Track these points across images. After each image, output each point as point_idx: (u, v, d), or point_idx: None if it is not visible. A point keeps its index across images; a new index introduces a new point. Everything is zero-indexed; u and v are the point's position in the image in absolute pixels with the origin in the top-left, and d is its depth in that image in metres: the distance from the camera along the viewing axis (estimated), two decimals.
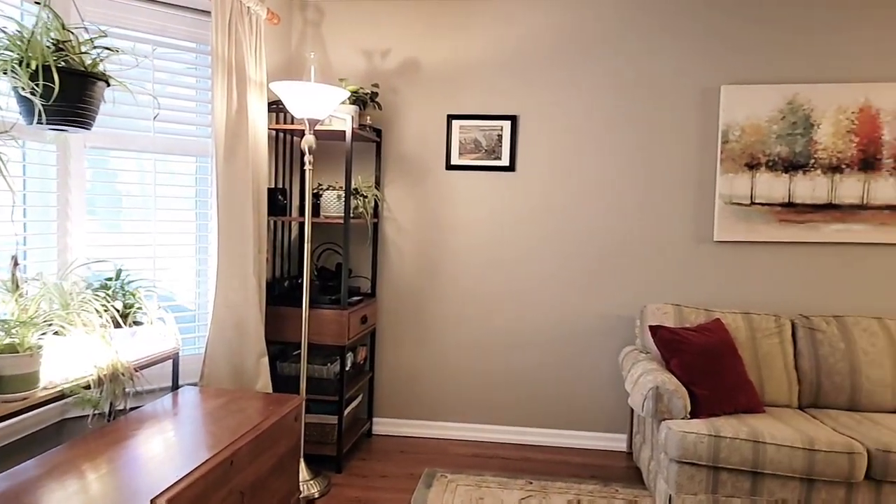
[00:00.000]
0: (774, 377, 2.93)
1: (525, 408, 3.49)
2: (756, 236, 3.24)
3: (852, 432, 2.54)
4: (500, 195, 3.41)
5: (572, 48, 3.31)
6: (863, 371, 2.86)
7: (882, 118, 3.11)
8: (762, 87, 3.17)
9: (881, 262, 3.20)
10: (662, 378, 2.62)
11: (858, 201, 3.16)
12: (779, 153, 3.18)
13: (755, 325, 3.02)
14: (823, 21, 3.14)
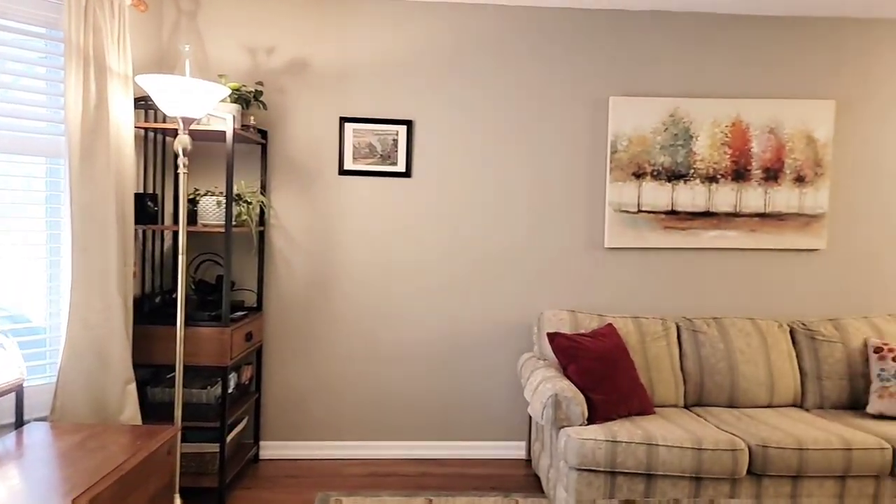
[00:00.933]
0: (663, 379, 3.03)
1: (423, 421, 3.39)
2: (643, 243, 3.36)
3: (734, 429, 2.66)
4: (397, 202, 3.29)
5: (467, 55, 3.27)
6: (740, 369, 3.03)
7: (751, 132, 3.34)
8: (647, 100, 3.30)
9: (752, 265, 3.43)
10: (561, 385, 2.61)
11: (732, 209, 3.37)
12: (662, 163, 3.33)
13: (644, 329, 3.11)
14: (700, 40, 3.33)
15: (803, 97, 3.36)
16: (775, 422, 2.74)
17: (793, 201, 3.37)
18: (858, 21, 3.34)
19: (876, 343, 3.00)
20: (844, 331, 3.12)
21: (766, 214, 3.37)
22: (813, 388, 3.06)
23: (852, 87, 3.37)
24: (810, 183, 3.36)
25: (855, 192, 3.42)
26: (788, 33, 3.34)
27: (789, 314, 3.44)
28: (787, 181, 3.36)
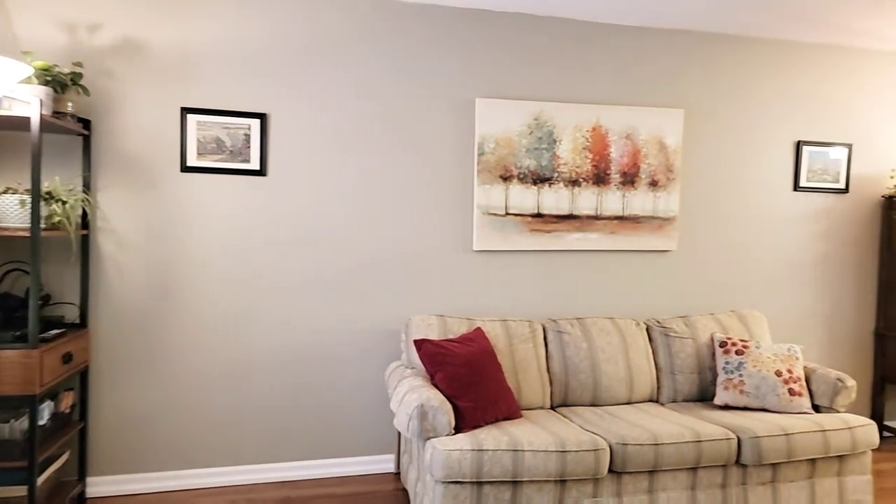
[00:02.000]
0: (530, 381, 3.01)
1: (284, 440, 3.12)
2: (511, 245, 3.34)
3: (596, 428, 2.69)
4: (250, 202, 3.01)
5: (330, 47, 3.07)
6: (602, 368, 3.09)
7: (610, 137, 3.44)
8: (513, 103, 3.29)
9: (612, 266, 3.54)
10: (428, 395, 2.49)
11: (594, 212, 3.45)
12: (528, 166, 3.33)
13: (512, 332, 3.08)
14: (563, 46, 3.38)
15: (655, 105, 3.52)
16: (634, 418, 2.81)
17: (647, 205, 3.52)
18: (704, 35, 3.57)
19: (721, 338, 3.19)
20: (694, 327, 3.29)
21: (624, 217, 3.49)
22: (667, 383, 3.19)
23: (698, 97, 3.59)
24: (663, 187, 3.53)
25: (701, 197, 3.64)
26: (642, 43, 3.49)
27: (646, 312, 3.58)
28: (643, 185, 3.50)
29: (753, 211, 3.72)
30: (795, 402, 2.92)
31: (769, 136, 3.71)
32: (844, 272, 3.88)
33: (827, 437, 2.71)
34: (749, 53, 3.64)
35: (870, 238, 3.90)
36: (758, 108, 3.68)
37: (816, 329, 3.86)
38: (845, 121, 3.80)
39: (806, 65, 3.72)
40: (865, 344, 3.94)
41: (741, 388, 2.99)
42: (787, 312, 3.80)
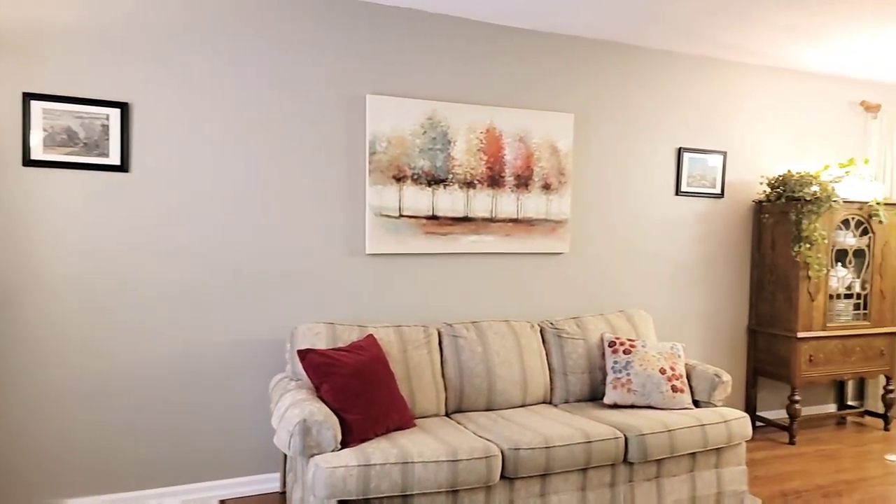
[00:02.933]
0: (424, 387, 2.92)
1: (157, 463, 2.84)
2: (405, 248, 3.24)
3: (490, 434, 2.64)
4: (109, 202, 2.71)
5: (207, 30, 2.83)
6: (497, 371, 3.05)
7: (504, 140, 3.43)
8: (406, 101, 3.20)
9: (507, 269, 3.53)
10: (311, 409, 2.33)
11: (489, 215, 3.42)
12: (422, 167, 3.25)
13: (406, 338, 2.98)
14: (456, 45, 3.33)
15: (548, 109, 3.56)
16: (528, 421, 2.79)
17: (541, 207, 3.55)
18: (593, 42, 3.65)
19: (610, 338, 3.26)
20: (585, 328, 3.34)
21: (518, 220, 3.50)
22: (560, 384, 3.21)
23: (587, 102, 3.67)
24: (555, 190, 3.57)
25: (591, 200, 3.72)
26: (535, 47, 3.52)
27: (540, 314, 3.60)
28: (536, 188, 3.52)
29: (639, 214, 3.85)
30: (678, 398, 3.03)
31: (653, 142, 3.86)
32: (721, 272, 4.11)
33: (706, 431, 2.82)
34: (635, 62, 3.77)
35: (743, 240, 4.16)
36: (642, 115, 3.82)
37: (696, 326, 4.06)
38: (721, 130, 4.04)
39: (686, 75, 3.92)
40: (740, 340, 4.19)
41: (629, 386, 3.06)
42: (670, 311, 3.97)
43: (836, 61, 3.99)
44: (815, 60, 3.98)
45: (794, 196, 3.80)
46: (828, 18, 3.23)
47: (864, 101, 4.40)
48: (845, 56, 3.86)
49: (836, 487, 3.22)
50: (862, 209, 3.96)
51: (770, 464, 3.53)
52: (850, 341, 3.98)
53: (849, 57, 3.88)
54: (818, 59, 3.96)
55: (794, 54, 3.87)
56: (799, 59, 3.98)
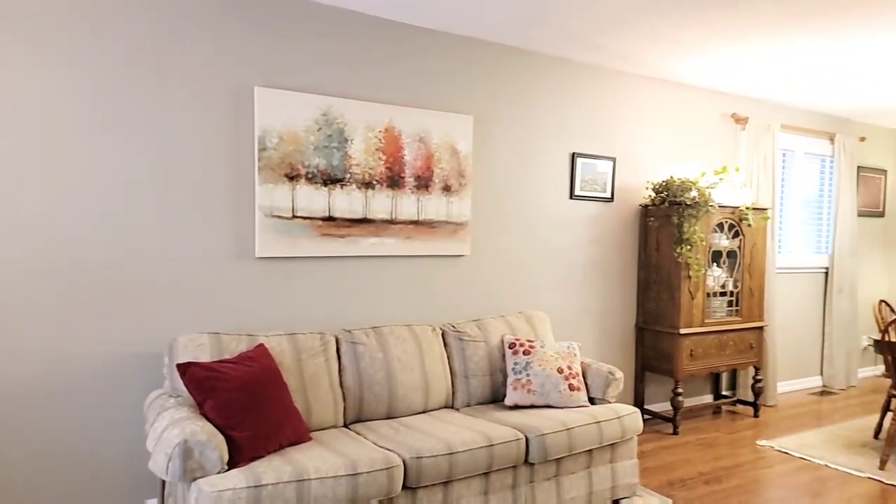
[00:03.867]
0: (321, 398, 2.77)
1: (15, 495, 2.46)
2: (299, 251, 3.07)
3: (391, 443, 2.54)
4: None
5: (65, 9, 2.51)
6: (398, 377, 2.96)
7: (404, 140, 3.35)
8: (298, 95, 3.03)
9: (409, 272, 3.45)
10: (193, 428, 2.11)
11: (389, 216, 3.32)
12: (317, 165, 3.09)
13: (301, 346, 2.81)
14: (352, 39, 3.21)
15: (447, 110, 3.52)
16: (430, 428, 2.72)
17: (442, 209, 3.50)
18: (492, 45, 3.67)
19: (510, 339, 3.27)
20: (486, 330, 3.34)
21: (419, 222, 3.43)
22: (462, 388, 3.18)
23: (486, 105, 3.68)
24: (456, 192, 3.54)
25: (491, 202, 3.73)
26: (435, 47, 3.47)
27: (442, 317, 3.56)
28: (437, 190, 3.48)
29: (537, 216, 3.92)
30: (575, 396, 3.09)
31: (549, 146, 3.94)
32: (612, 273, 4.28)
33: (601, 427, 2.89)
34: (532, 67, 3.84)
35: (631, 242, 4.36)
36: (539, 120, 3.89)
37: (590, 325, 4.20)
38: (611, 136, 4.21)
39: (580, 82, 4.04)
40: (629, 337, 4.39)
41: (528, 387, 3.08)
42: (566, 311, 4.07)
43: (712, 75, 4.29)
44: (695, 74, 4.26)
45: (675, 201, 4.03)
46: (706, 34, 3.45)
47: (734, 114, 4.77)
48: (720, 71, 4.17)
49: (716, 474, 3.43)
50: (734, 213, 4.29)
51: (657, 455, 3.71)
52: (725, 336, 4.29)
53: (723, 72, 4.19)
54: (697, 73, 4.24)
55: (677, 67, 4.12)
56: (681, 72, 4.24)
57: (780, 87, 4.55)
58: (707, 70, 4.16)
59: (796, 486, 3.29)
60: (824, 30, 3.32)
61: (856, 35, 3.40)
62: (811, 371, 5.51)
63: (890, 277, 6.10)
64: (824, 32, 3.37)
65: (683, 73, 4.25)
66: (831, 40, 3.50)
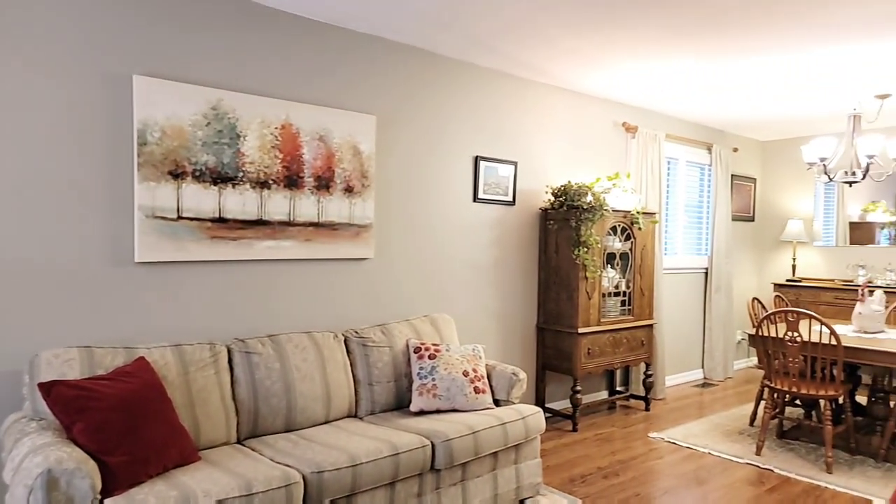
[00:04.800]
0: (212, 414, 2.56)
1: None
2: (186, 255, 2.83)
3: (290, 458, 2.39)
4: None
5: None
6: (297, 388, 2.81)
7: (302, 138, 3.20)
8: (184, 86, 2.80)
9: (309, 276, 3.29)
10: (58, 455, 1.86)
11: (286, 218, 3.16)
12: (206, 162, 2.87)
13: (188, 359, 2.58)
14: (245, 29, 3.02)
15: (349, 108, 3.41)
16: (332, 440, 2.59)
17: (344, 211, 3.38)
18: (396, 45, 3.60)
19: (416, 343, 3.21)
20: (391, 335, 3.25)
21: (319, 224, 3.29)
22: (365, 395, 3.07)
23: (390, 105, 3.60)
24: (358, 194, 3.43)
25: (395, 204, 3.66)
26: (337, 43, 3.35)
27: (345, 323, 3.43)
28: (338, 191, 3.35)
29: (441, 219, 3.89)
30: (480, 399, 3.08)
31: (453, 149, 3.94)
32: (514, 275, 4.34)
33: (506, 429, 2.89)
34: (437, 69, 3.81)
35: (532, 244, 4.45)
36: (443, 122, 3.87)
37: (494, 327, 4.23)
38: (512, 141, 4.28)
39: (483, 87, 4.07)
40: (530, 337, 4.47)
41: (434, 391, 3.03)
42: (470, 313, 4.08)
43: (606, 86, 4.48)
44: (591, 84, 4.43)
45: (573, 205, 4.16)
46: (601, 45, 3.59)
47: (625, 123, 5.02)
48: (613, 82, 4.36)
49: (614, 468, 3.56)
50: (626, 217, 4.50)
51: (558, 452, 3.79)
52: (619, 334, 4.48)
53: (616, 83, 4.39)
54: (593, 83, 4.41)
55: (575, 77, 4.26)
56: (578, 82, 4.39)
57: (665, 99, 4.84)
58: (601, 81, 4.34)
59: (684, 474, 3.48)
60: (704, 51, 3.56)
61: (731, 56, 3.68)
62: (693, 365, 5.90)
63: (759, 276, 6.69)
64: (704, 53, 3.61)
65: (580, 82, 4.40)
66: (710, 60, 3.77)
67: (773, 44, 3.51)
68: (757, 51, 3.64)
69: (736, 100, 4.83)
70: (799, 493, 3.23)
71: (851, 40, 3.42)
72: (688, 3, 2.97)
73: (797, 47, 3.55)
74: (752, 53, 3.69)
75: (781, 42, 3.48)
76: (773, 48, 3.58)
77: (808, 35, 3.35)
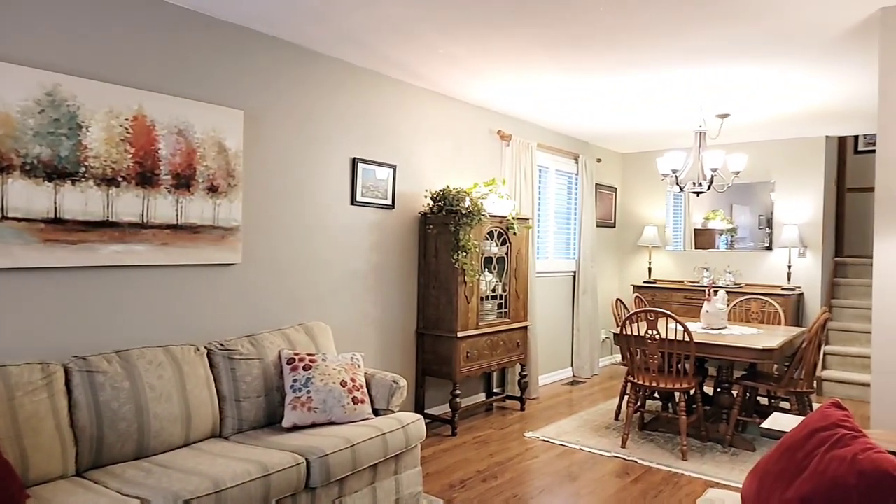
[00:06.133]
0: (43, 444, 2.21)
1: None
2: (12, 262, 2.43)
3: (141, 489, 2.12)
4: None
5: None
6: (151, 409, 2.51)
7: (158, 131, 2.90)
8: (11, 67, 2.41)
9: (166, 284, 2.98)
10: None
11: (139, 219, 2.83)
12: (39, 155, 2.49)
13: (13, 382, 2.22)
14: (86, 5, 2.67)
15: (213, 102, 3.15)
16: (192, 464, 2.35)
17: (207, 212, 3.11)
18: (267, 38, 3.38)
19: (289, 354, 3.01)
20: (261, 346, 3.03)
21: (179, 226, 2.99)
22: (232, 413, 2.83)
23: (260, 101, 3.38)
24: (224, 194, 3.17)
25: (266, 206, 3.43)
26: (198, 31, 3.07)
27: (209, 335, 3.15)
28: (201, 190, 3.07)
29: (317, 222, 3.72)
30: (359, 409, 2.96)
31: (330, 150, 3.78)
32: (394, 280, 4.26)
33: (386, 439, 2.80)
34: (313, 67, 3.64)
35: (411, 249, 4.41)
36: (320, 122, 3.71)
37: (373, 334, 4.12)
38: (391, 144, 4.20)
39: (361, 87, 3.96)
40: (410, 343, 4.42)
41: (309, 405, 2.86)
42: (348, 320, 3.94)
43: (482, 94, 4.55)
44: (468, 91, 4.48)
45: (452, 209, 4.17)
46: (479, 54, 3.62)
47: (500, 131, 5.15)
48: (489, 90, 4.44)
49: (492, 471, 3.59)
50: (502, 222, 4.59)
51: (438, 458, 3.76)
52: (496, 336, 4.56)
53: (491, 91, 4.48)
54: (470, 90, 4.46)
55: (452, 83, 4.28)
56: (456, 88, 4.42)
57: (537, 110, 5.03)
58: (479, 89, 4.41)
59: (558, 471, 3.59)
60: (573, 67, 3.73)
61: (597, 73, 3.89)
62: (563, 363, 6.18)
63: (621, 279, 7.17)
64: (573, 68, 3.78)
65: (458, 89, 4.44)
66: (578, 76, 3.96)
67: (634, 64, 3.75)
68: (619, 69, 3.88)
69: (600, 114, 5.13)
70: (659, 481, 3.46)
71: (698, 64, 3.75)
72: (559, 21, 3.08)
73: (654, 68, 3.83)
74: (615, 71, 3.93)
75: (641, 62, 3.73)
76: (634, 68, 3.84)
77: (663, 58, 3.63)
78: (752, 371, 4.35)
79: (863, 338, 5.67)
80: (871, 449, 1.50)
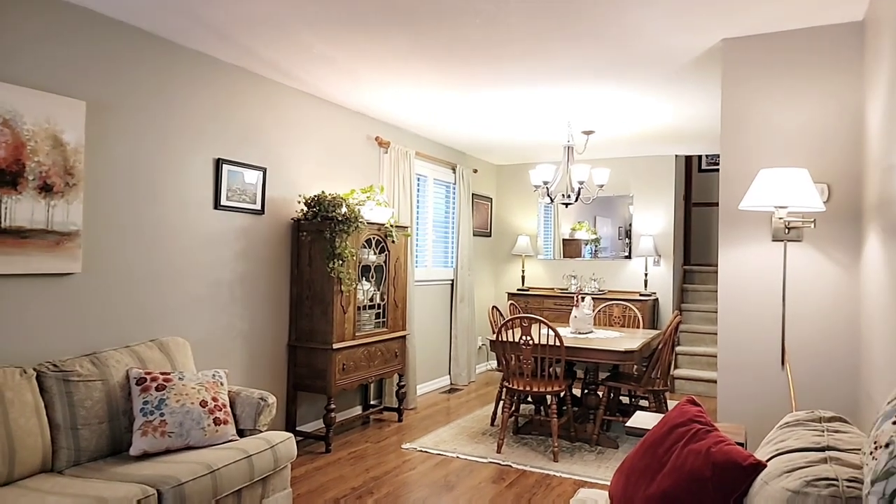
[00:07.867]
0: None
1: None
2: None
3: None
4: None
5: None
6: None
7: None
8: None
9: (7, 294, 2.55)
10: None
11: None
12: None
13: None
14: None
15: (48, 90, 2.77)
16: None
17: (39, 215, 2.71)
18: (112, 22, 3.04)
19: (139, 374, 2.70)
20: (104, 365, 2.69)
21: (3, 230, 2.58)
22: (67, 443, 2.47)
23: (106, 92, 3.03)
24: (61, 194, 2.79)
25: (113, 208, 3.08)
26: (26, 7, 2.68)
27: (40, 354, 2.74)
28: (31, 190, 2.68)
29: (175, 227, 3.40)
30: (221, 431, 2.72)
31: (190, 149, 3.48)
32: (263, 290, 4.01)
33: (252, 462, 2.59)
34: (171, 59, 3.33)
35: (283, 257, 4.18)
36: (178, 118, 3.40)
37: (239, 348, 3.84)
38: (261, 145, 3.97)
39: (227, 84, 3.69)
40: (280, 357, 4.18)
41: (162, 429, 2.58)
42: (211, 335, 3.63)
43: (360, 99, 4.45)
44: (345, 95, 4.35)
45: (327, 216, 4.02)
46: (354, 57, 3.52)
47: (378, 137, 5.07)
48: (367, 95, 4.35)
49: (368, 486, 3.47)
50: (380, 230, 4.51)
51: (311, 477, 3.57)
52: (374, 347, 4.45)
53: (369, 97, 4.39)
54: (347, 94, 4.33)
55: (327, 86, 4.13)
56: (332, 92, 4.28)
57: (415, 118, 5.02)
58: (356, 94, 4.30)
59: (436, 482, 3.55)
60: (448, 77, 3.75)
61: (472, 85, 3.94)
62: (441, 372, 6.20)
63: (496, 286, 7.36)
64: (446, 79, 3.80)
65: (334, 93, 4.30)
66: (453, 86, 3.99)
67: (506, 79, 3.85)
68: (493, 83, 3.97)
69: (476, 125, 5.23)
70: (533, 484, 3.53)
71: (565, 83, 3.93)
72: (434, 29, 3.07)
73: (526, 83, 3.96)
74: (489, 85, 4.01)
75: (512, 78, 3.84)
76: (506, 83, 3.94)
77: (535, 75, 3.76)
78: (615, 372, 4.61)
79: (708, 338, 6.26)
80: (723, 442, 1.60)
